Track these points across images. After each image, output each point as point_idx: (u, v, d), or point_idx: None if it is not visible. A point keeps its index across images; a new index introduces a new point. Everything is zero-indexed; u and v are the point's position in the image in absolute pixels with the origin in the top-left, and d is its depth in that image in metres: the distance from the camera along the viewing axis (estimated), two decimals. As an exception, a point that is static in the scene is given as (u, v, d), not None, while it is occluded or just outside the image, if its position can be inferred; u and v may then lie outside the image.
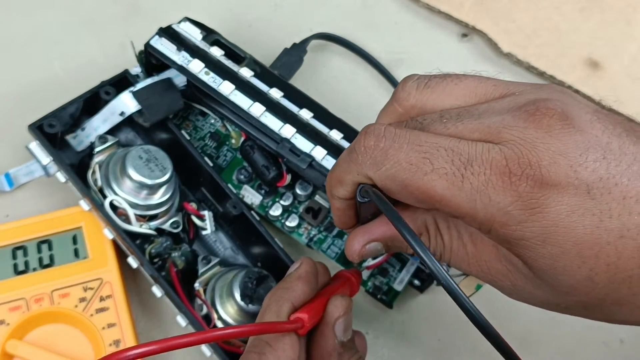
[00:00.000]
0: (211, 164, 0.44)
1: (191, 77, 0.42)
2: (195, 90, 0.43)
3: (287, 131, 0.41)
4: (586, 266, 0.27)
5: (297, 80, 0.50)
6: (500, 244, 0.29)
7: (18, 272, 0.41)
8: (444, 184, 0.28)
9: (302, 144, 0.41)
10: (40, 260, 0.42)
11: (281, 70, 0.48)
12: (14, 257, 0.42)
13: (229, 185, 0.44)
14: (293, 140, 0.41)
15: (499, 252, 0.31)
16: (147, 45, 0.43)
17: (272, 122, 0.41)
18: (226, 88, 0.42)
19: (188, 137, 0.45)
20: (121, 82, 0.44)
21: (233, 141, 0.46)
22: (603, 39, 0.54)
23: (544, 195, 0.27)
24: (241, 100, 0.42)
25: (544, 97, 0.29)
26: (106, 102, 0.43)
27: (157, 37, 0.43)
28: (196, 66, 0.42)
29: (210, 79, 0.42)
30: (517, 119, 0.29)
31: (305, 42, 0.50)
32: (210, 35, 0.44)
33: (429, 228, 0.33)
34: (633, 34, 0.54)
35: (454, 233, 0.32)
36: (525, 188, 0.27)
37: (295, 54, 0.49)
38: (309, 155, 0.40)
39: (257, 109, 0.41)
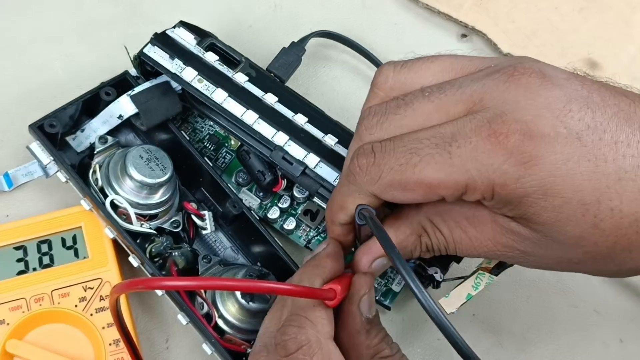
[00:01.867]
0: (211, 165, 0.44)
1: (184, 85, 0.42)
2: (190, 97, 0.43)
3: (281, 138, 0.41)
4: (590, 213, 0.28)
5: (296, 81, 0.50)
6: (504, 210, 0.30)
7: (18, 272, 0.41)
8: (435, 166, 0.29)
9: (296, 151, 0.41)
10: (40, 260, 0.42)
11: (279, 70, 0.48)
12: (14, 257, 0.42)
13: (229, 185, 0.44)
14: (286, 148, 0.41)
15: (499, 226, 0.31)
16: (141, 53, 0.43)
17: (266, 129, 0.41)
18: (219, 96, 0.42)
19: (187, 138, 0.45)
20: (121, 83, 0.44)
21: (232, 142, 0.46)
22: (602, 40, 0.54)
23: (536, 147, 0.28)
24: (234, 107, 0.42)
25: (520, 62, 0.30)
26: (106, 103, 0.43)
27: (150, 45, 0.43)
28: (189, 74, 0.42)
29: (204, 86, 0.42)
30: (497, 81, 0.30)
31: (304, 40, 0.50)
32: (206, 40, 0.44)
33: (425, 227, 0.34)
34: (632, 35, 0.54)
35: (451, 223, 0.33)
36: (514, 143, 0.28)
37: (293, 53, 0.49)
38: (302, 163, 0.40)
39: (250, 117, 0.41)
